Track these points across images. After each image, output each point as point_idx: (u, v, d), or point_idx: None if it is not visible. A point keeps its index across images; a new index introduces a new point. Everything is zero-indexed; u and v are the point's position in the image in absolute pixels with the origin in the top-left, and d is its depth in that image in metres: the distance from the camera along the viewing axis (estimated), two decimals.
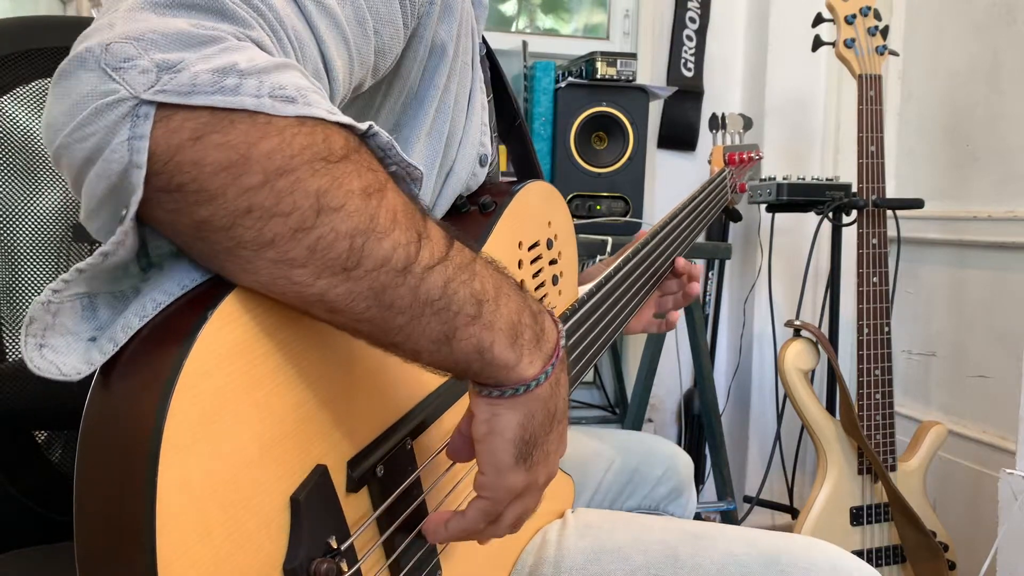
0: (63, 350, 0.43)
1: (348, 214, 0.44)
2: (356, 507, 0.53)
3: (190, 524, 0.41)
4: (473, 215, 0.75)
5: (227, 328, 0.44)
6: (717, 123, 1.74)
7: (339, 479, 0.52)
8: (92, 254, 0.43)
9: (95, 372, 0.42)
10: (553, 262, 0.86)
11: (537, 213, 0.83)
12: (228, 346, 0.44)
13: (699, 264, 2.31)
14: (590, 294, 0.87)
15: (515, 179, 0.86)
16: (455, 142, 0.71)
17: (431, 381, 0.64)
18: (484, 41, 0.80)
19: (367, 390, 0.56)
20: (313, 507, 0.49)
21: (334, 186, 0.44)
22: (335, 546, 0.50)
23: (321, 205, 0.43)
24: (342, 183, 0.44)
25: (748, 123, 1.73)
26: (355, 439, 0.54)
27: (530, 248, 0.81)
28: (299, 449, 0.48)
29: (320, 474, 0.50)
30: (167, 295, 0.44)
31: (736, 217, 1.87)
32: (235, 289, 0.45)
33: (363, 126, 0.47)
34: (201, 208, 0.42)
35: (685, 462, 1.16)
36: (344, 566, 0.50)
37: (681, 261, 1.07)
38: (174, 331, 0.42)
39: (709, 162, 1.53)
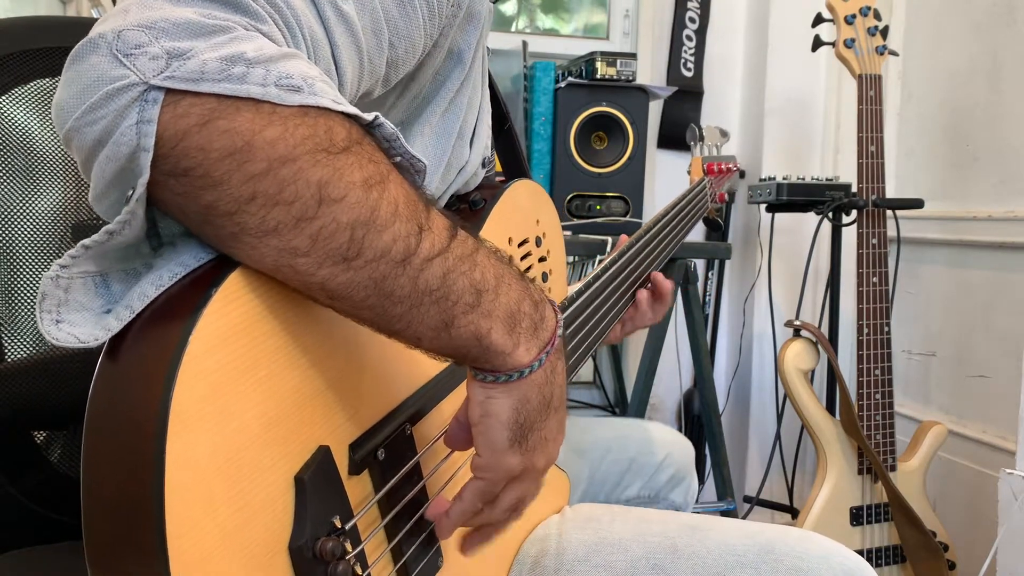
0: (80, 323, 0.44)
1: (349, 205, 0.45)
2: (358, 489, 0.54)
3: (196, 499, 0.41)
4: (463, 212, 0.76)
5: (231, 307, 0.45)
6: (695, 135, 1.75)
7: (341, 461, 0.52)
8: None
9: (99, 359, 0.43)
10: (542, 259, 0.87)
11: (526, 210, 0.84)
12: (231, 325, 0.44)
13: (699, 264, 2.31)
14: (579, 292, 0.87)
15: (503, 179, 0.86)
16: (466, 141, 0.72)
17: (430, 368, 0.65)
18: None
19: (368, 374, 0.56)
20: (317, 487, 0.49)
21: (335, 177, 0.45)
22: (339, 525, 0.51)
23: (323, 196, 0.44)
24: (343, 174, 0.45)
25: (725, 135, 1.75)
26: (356, 422, 0.54)
27: (520, 244, 0.82)
28: (301, 429, 0.49)
29: (323, 454, 0.50)
30: (183, 267, 0.45)
31: (715, 227, 1.88)
32: (239, 267, 0.46)
33: (368, 116, 0.47)
34: (207, 193, 0.43)
35: (684, 447, 1.15)
36: (348, 546, 0.51)
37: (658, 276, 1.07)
38: (179, 309, 0.43)
39: (688, 172, 1.54)
